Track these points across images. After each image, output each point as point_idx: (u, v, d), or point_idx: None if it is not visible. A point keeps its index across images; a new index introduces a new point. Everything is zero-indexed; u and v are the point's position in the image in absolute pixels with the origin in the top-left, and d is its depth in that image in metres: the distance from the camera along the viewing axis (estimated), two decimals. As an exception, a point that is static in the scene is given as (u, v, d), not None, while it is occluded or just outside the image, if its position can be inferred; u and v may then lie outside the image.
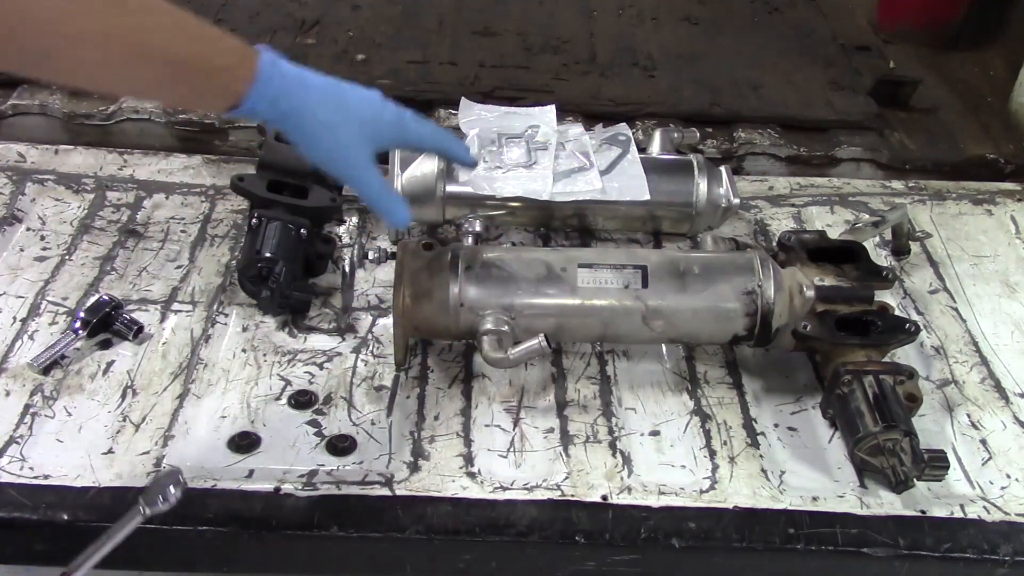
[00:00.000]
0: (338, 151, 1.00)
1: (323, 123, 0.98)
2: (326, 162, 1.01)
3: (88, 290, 1.31)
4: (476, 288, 1.16)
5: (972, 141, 1.75)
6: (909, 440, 1.07)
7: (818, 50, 1.97)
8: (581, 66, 1.85)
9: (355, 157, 1.01)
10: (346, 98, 1.00)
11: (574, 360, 1.27)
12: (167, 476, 0.93)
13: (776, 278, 1.18)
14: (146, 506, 0.92)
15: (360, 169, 1.02)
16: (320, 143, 0.99)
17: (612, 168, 1.42)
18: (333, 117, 0.99)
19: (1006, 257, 1.49)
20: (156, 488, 0.92)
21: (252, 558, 1.08)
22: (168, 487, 0.92)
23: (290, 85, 0.96)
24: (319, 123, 0.98)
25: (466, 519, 1.05)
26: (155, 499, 0.92)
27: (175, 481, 0.92)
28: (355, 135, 1.00)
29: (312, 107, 0.97)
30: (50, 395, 1.16)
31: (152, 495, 0.92)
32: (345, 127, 1.00)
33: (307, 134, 0.98)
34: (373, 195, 1.04)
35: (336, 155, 1.01)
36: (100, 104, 1.65)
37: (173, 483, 0.92)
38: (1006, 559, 1.05)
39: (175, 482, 0.92)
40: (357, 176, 1.03)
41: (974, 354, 1.31)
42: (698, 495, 1.09)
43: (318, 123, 0.98)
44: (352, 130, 1.00)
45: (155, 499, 0.92)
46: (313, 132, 0.98)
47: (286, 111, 0.96)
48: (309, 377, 1.21)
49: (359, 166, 1.02)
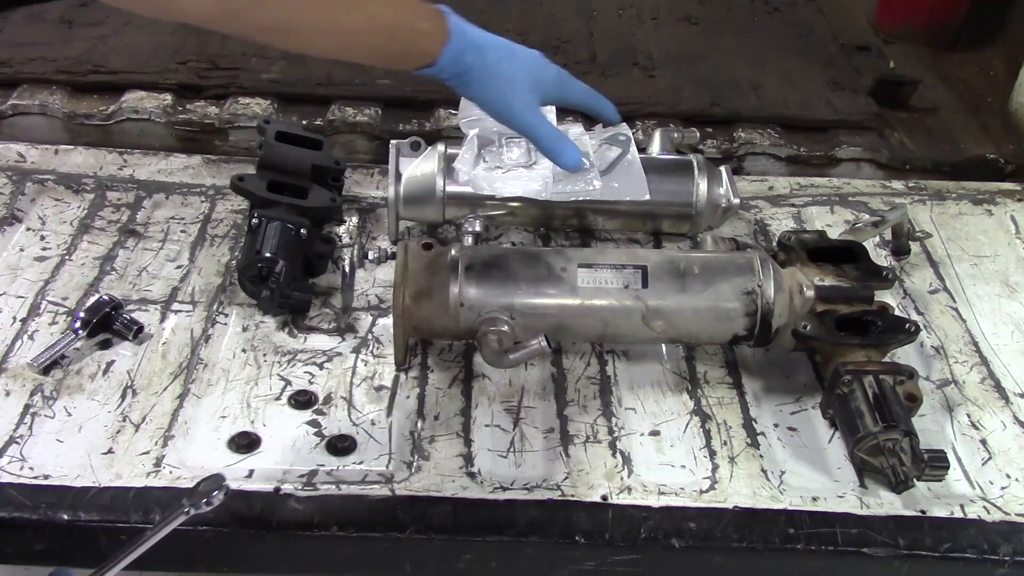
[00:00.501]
0: (514, 99, 1.14)
1: (501, 75, 1.12)
2: (503, 110, 1.15)
3: (88, 290, 1.31)
4: (476, 288, 1.16)
5: (972, 141, 1.75)
6: (909, 440, 1.07)
7: (818, 50, 1.97)
8: (581, 66, 1.85)
9: (527, 104, 1.15)
10: (517, 54, 1.15)
11: (574, 360, 1.27)
12: (212, 481, 0.95)
13: (776, 278, 1.18)
14: (191, 507, 0.93)
15: (532, 115, 1.15)
16: (499, 93, 1.13)
17: (612, 168, 1.41)
18: (508, 70, 1.13)
19: (1006, 257, 1.48)
20: (202, 491, 0.94)
21: (252, 558, 1.08)
22: (213, 492, 0.93)
23: (473, 43, 1.10)
24: (497, 76, 1.12)
25: (466, 519, 1.05)
26: (199, 502, 0.93)
27: (218, 486, 0.94)
28: (526, 86, 1.15)
29: (491, 62, 1.11)
30: (50, 395, 1.16)
31: (198, 497, 0.93)
32: (519, 79, 1.14)
33: (485, 86, 1.12)
34: (544, 137, 1.17)
35: (512, 103, 1.14)
36: (100, 104, 1.65)
37: (217, 488, 0.93)
38: (1006, 559, 1.05)
39: (218, 487, 0.94)
40: (529, 121, 1.15)
41: (974, 354, 1.31)
42: (698, 495, 1.09)
43: (497, 76, 1.12)
44: (524, 82, 1.14)
45: (199, 502, 0.93)
46: (491, 84, 1.12)
47: (470, 65, 1.10)
48: (309, 377, 1.21)
49: (531, 113, 1.15)
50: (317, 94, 1.70)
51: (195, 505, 0.93)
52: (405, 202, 1.39)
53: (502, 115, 1.15)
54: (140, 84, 1.68)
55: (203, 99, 1.69)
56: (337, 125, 1.64)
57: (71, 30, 1.83)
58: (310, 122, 1.64)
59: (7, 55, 1.73)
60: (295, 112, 1.67)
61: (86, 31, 1.83)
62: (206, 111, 1.65)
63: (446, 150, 1.40)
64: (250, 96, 1.68)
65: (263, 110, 1.65)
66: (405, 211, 1.40)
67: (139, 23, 1.87)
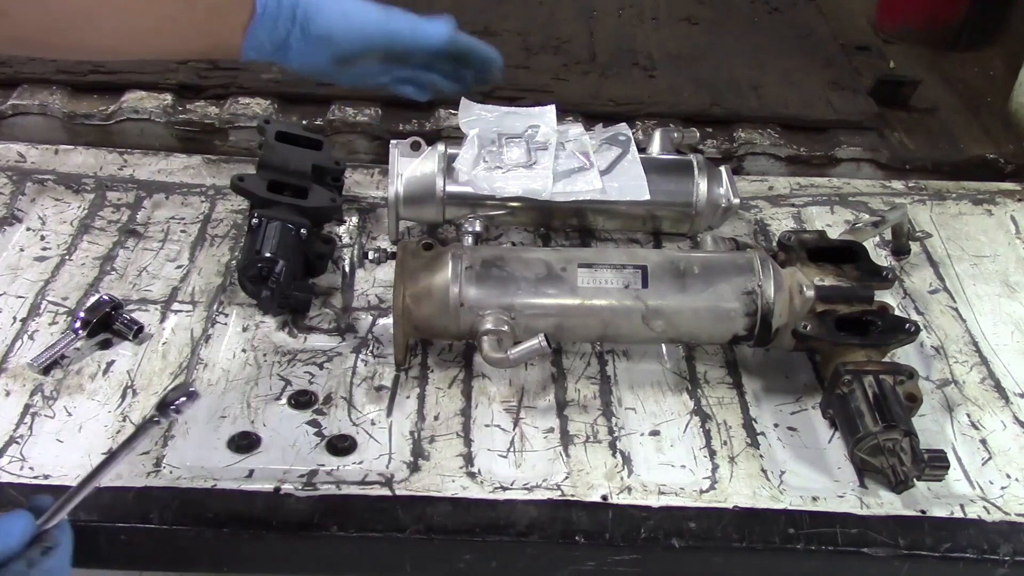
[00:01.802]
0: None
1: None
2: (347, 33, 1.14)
3: (88, 290, 1.31)
4: (476, 288, 1.16)
5: (972, 141, 1.75)
6: (909, 440, 1.07)
7: (818, 50, 1.97)
8: (581, 66, 1.85)
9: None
10: None
11: (574, 360, 1.27)
12: (178, 389, 0.97)
13: (776, 278, 1.18)
14: (160, 417, 0.96)
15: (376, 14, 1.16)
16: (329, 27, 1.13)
17: (612, 168, 1.41)
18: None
19: (1006, 257, 1.49)
20: (169, 400, 0.96)
21: (252, 558, 1.07)
22: (180, 398, 0.96)
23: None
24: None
25: (466, 519, 1.05)
26: (167, 410, 0.96)
27: (185, 393, 0.96)
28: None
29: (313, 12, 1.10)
30: (50, 395, 1.16)
31: (165, 407, 0.96)
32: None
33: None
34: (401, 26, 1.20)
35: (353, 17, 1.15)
36: (100, 104, 1.65)
37: (185, 394, 0.96)
38: (1006, 559, 1.05)
39: (185, 393, 0.96)
40: (376, 19, 1.17)
41: (974, 354, 1.31)
42: (698, 495, 1.09)
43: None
44: None
45: (167, 410, 0.96)
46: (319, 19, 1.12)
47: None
48: (309, 377, 1.21)
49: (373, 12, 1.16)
50: (317, 94, 1.70)
51: (164, 415, 0.95)
52: (405, 202, 1.39)
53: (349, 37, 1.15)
54: (140, 84, 1.67)
55: (203, 99, 1.68)
56: (337, 125, 1.64)
57: (71, 30, 1.83)
58: (310, 122, 1.64)
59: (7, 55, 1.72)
60: (295, 112, 1.67)
61: (86, 31, 1.82)
62: (206, 111, 1.65)
63: (446, 150, 1.40)
64: (250, 96, 1.68)
65: (263, 110, 1.65)
66: (405, 211, 1.40)
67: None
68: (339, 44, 1.15)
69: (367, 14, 1.17)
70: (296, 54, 1.14)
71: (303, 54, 1.14)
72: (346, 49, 1.16)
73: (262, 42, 1.11)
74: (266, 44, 1.11)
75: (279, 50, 1.13)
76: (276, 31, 1.10)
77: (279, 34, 1.11)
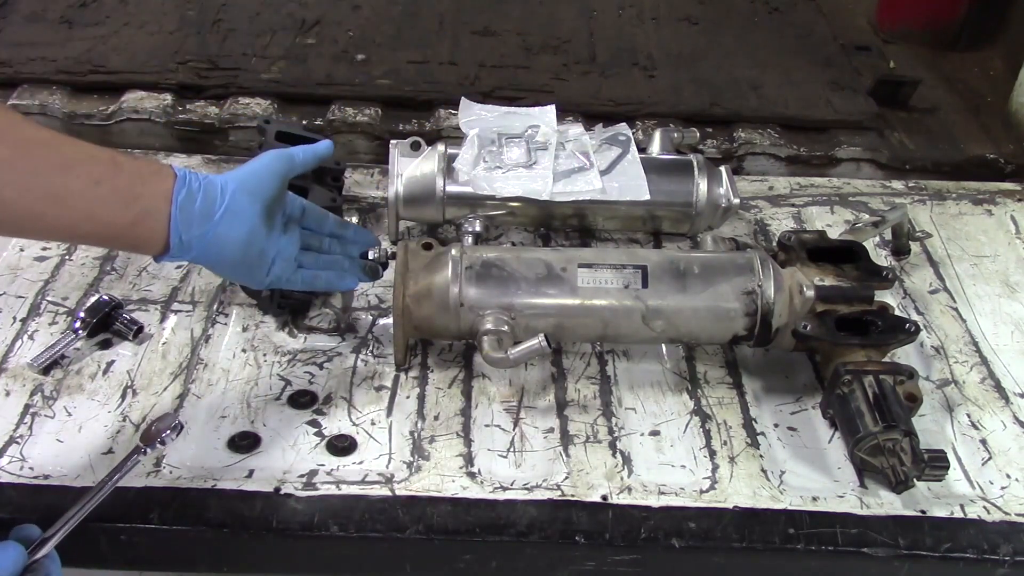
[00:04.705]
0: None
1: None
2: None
3: (88, 290, 1.31)
4: (476, 288, 1.16)
5: (972, 141, 1.75)
6: (909, 440, 1.07)
7: (818, 50, 1.97)
8: (581, 66, 1.85)
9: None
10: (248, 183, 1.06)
11: (574, 360, 1.27)
12: (163, 420, 1.02)
13: (776, 278, 1.18)
14: (147, 448, 1.00)
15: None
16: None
17: (612, 168, 1.41)
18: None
19: (1006, 257, 1.49)
20: (155, 432, 1.01)
21: (252, 558, 1.07)
22: (165, 431, 1.01)
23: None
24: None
25: (466, 519, 1.05)
26: (153, 442, 1.00)
27: (170, 426, 1.01)
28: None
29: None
30: (50, 395, 1.16)
31: (151, 438, 1.00)
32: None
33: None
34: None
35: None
36: (100, 104, 1.65)
37: (169, 428, 1.01)
38: (1006, 559, 1.05)
39: (170, 427, 1.01)
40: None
41: (974, 354, 1.31)
42: (698, 495, 1.09)
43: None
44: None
45: (153, 442, 1.00)
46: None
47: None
48: (309, 377, 1.21)
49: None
50: (317, 94, 1.70)
51: (150, 446, 0.99)
52: (405, 202, 1.39)
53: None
54: (140, 84, 1.68)
55: (203, 99, 1.69)
56: (337, 125, 1.64)
57: (71, 30, 1.83)
58: (310, 122, 1.64)
59: (7, 55, 1.73)
60: (295, 112, 1.67)
61: (86, 31, 1.83)
62: (206, 111, 1.66)
63: (446, 150, 1.40)
64: (250, 96, 1.68)
65: (263, 110, 1.65)
66: (405, 211, 1.40)
67: (139, 23, 1.87)
68: None
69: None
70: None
71: None
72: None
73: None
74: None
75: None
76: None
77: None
